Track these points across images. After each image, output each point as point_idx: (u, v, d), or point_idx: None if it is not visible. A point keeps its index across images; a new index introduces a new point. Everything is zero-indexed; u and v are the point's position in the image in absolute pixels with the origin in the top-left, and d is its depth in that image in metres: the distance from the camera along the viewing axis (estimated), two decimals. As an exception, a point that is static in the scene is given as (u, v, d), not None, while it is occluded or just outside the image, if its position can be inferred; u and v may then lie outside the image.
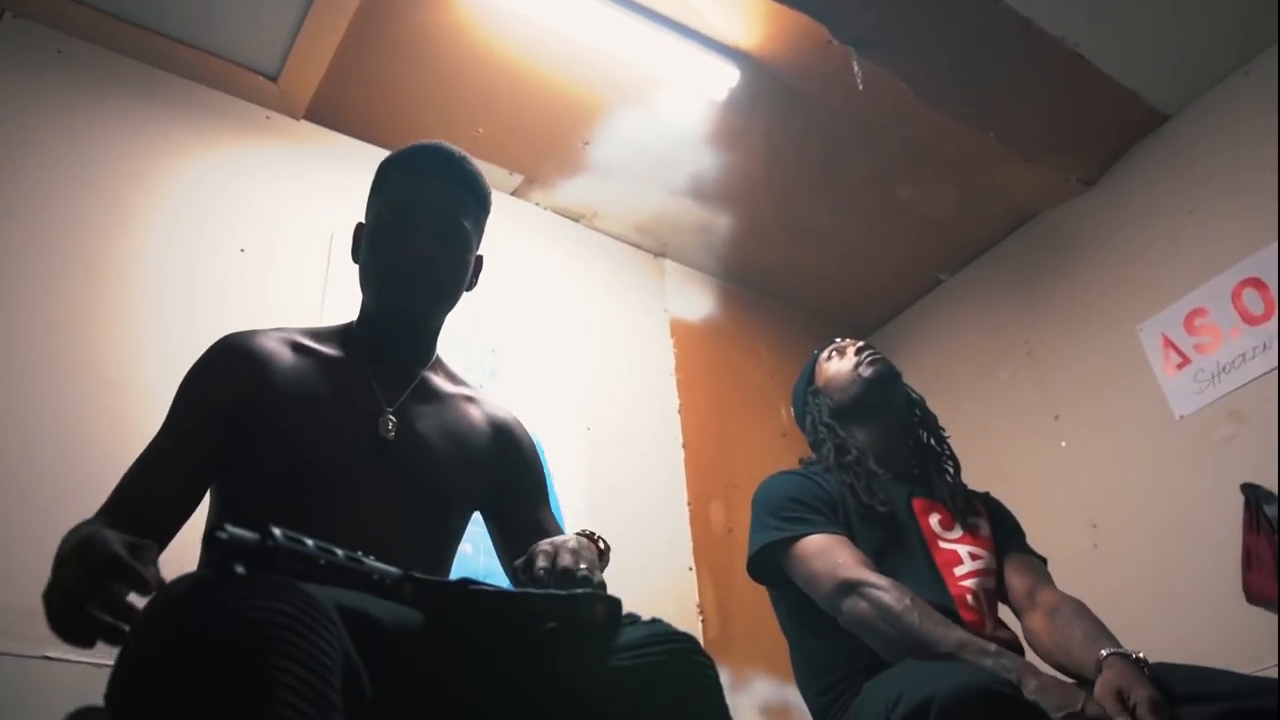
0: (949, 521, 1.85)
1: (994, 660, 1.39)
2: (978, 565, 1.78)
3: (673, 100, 2.97)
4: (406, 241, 1.40)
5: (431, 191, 1.45)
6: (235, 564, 0.85)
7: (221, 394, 1.34)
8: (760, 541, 1.77)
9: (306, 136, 2.93)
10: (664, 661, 1.02)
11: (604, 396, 3.07)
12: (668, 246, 3.57)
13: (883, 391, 1.97)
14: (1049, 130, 3.23)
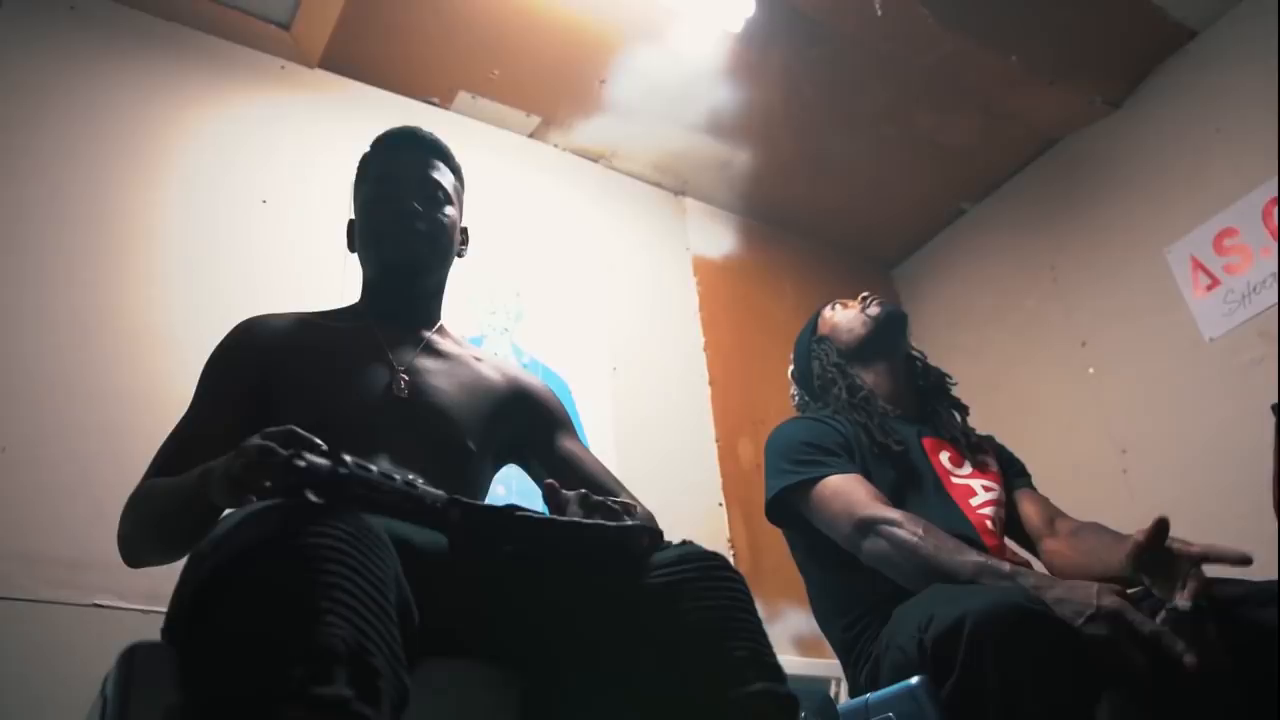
0: (958, 459, 1.88)
1: (1012, 579, 1.41)
2: (990, 495, 1.82)
3: (688, 33, 2.93)
4: (393, 204, 1.51)
5: (408, 162, 1.57)
6: (310, 492, 0.88)
7: (252, 368, 1.41)
8: (777, 486, 1.78)
9: (322, 85, 2.92)
10: (696, 578, 1.03)
11: (629, 337, 3.07)
12: (687, 184, 3.54)
13: (890, 331, 2.00)
14: (1072, 52, 3.16)
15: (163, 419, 2.18)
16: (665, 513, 2.78)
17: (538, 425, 1.57)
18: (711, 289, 3.42)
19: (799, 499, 1.75)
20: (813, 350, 2.07)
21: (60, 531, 1.99)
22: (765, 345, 3.45)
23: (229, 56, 2.80)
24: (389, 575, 0.87)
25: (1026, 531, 1.87)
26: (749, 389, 3.28)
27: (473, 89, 3.06)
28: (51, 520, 2.00)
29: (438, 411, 1.42)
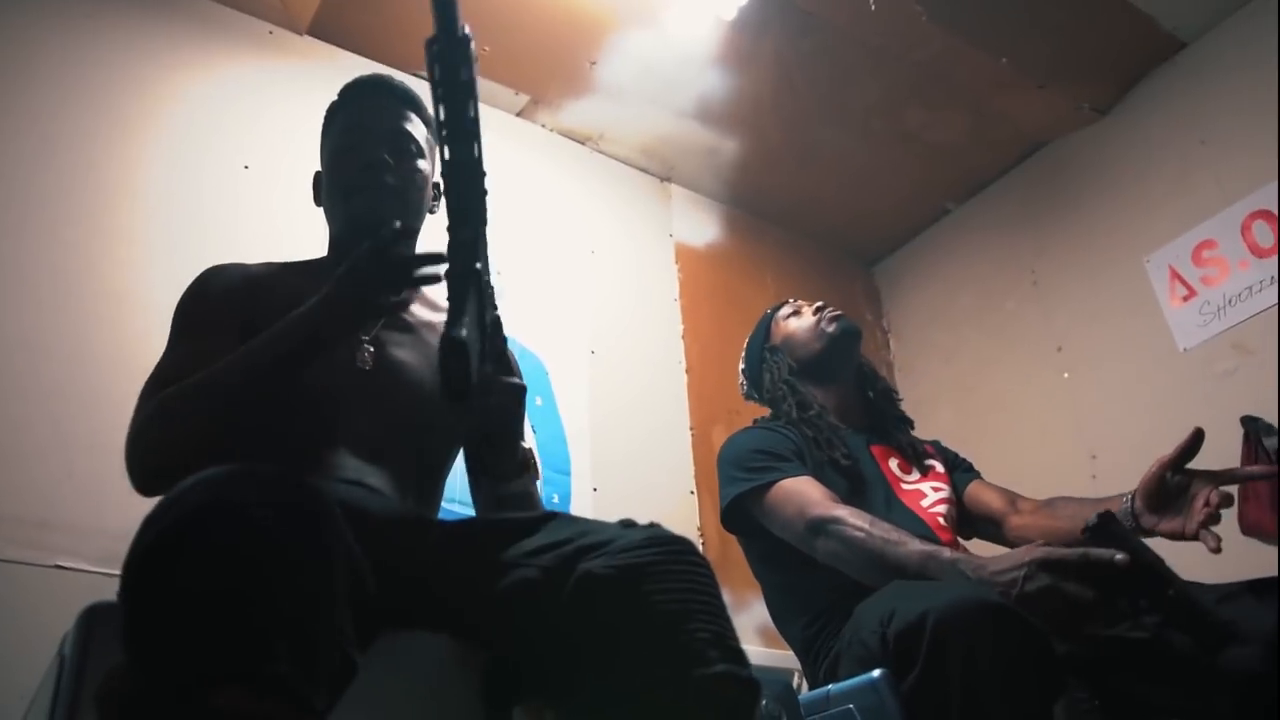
0: (907, 466, 1.91)
1: (953, 563, 1.43)
2: (940, 495, 1.86)
3: (681, 18, 2.92)
4: (361, 155, 1.44)
5: (377, 111, 1.49)
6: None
7: (229, 314, 1.35)
8: (731, 494, 1.79)
9: (310, 52, 2.89)
10: (660, 560, 1.03)
11: (608, 320, 3.07)
12: (674, 170, 3.54)
13: (846, 350, 2.00)
14: (1062, 56, 3.18)
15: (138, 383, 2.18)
16: (637, 497, 2.81)
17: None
18: (693, 276, 3.41)
19: (753, 505, 1.75)
20: (764, 360, 2.07)
21: (29, 492, 1.98)
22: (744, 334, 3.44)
23: (219, 19, 2.76)
24: (336, 549, 0.86)
25: (989, 515, 1.90)
26: (725, 378, 3.27)
27: (462, 64, 3.03)
28: (21, 480, 1.98)
29: (400, 386, 1.37)
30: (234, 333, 1.30)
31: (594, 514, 2.64)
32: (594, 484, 2.73)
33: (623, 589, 1.00)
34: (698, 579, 1.04)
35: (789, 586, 1.82)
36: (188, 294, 1.41)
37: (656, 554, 1.04)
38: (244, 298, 1.37)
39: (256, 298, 1.36)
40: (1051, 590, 1.29)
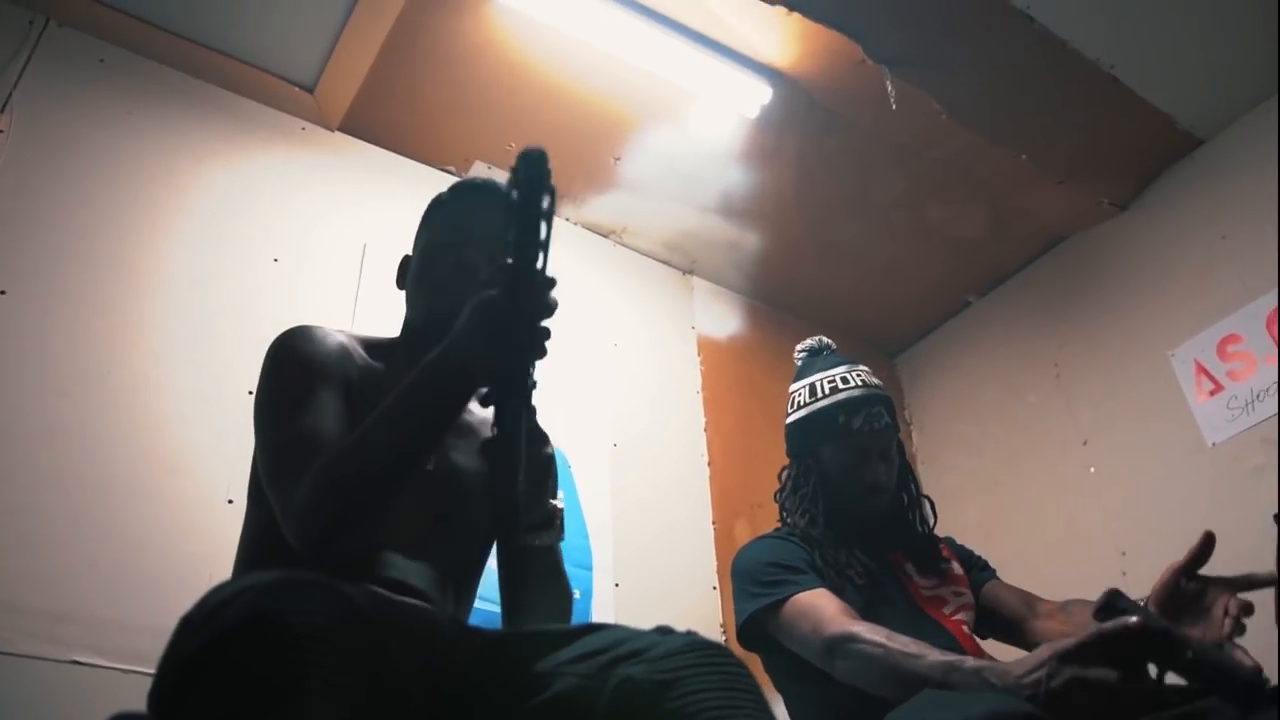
0: (926, 572, 1.88)
1: (978, 673, 1.37)
2: (962, 600, 1.84)
3: (705, 116, 2.98)
4: (459, 255, 1.43)
5: (484, 216, 1.47)
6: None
7: (338, 372, 1.33)
8: (747, 611, 1.75)
9: (341, 147, 2.95)
10: (700, 665, 1.01)
11: (631, 413, 3.06)
12: (696, 263, 3.57)
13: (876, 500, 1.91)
14: (1081, 153, 3.21)
15: (158, 472, 2.19)
16: (659, 592, 2.78)
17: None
18: (715, 369, 3.42)
19: (769, 620, 1.71)
20: (798, 456, 2.03)
21: (46, 584, 1.97)
22: (766, 428, 3.43)
23: (252, 115, 2.84)
24: (365, 663, 0.85)
25: (1007, 618, 1.86)
26: (748, 471, 3.26)
27: (488, 159, 3.09)
28: (39, 572, 1.97)
29: (459, 493, 1.37)
30: (344, 393, 1.30)
31: (616, 610, 2.61)
32: (616, 579, 2.69)
33: (664, 693, 0.99)
34: (740, 682, 1.02)
35: (810, 697, 1.77)
36: (289, 351, 1.37)
37: (696, 659, 1.03)
38: (338, 364, 1.35)
39: (346, 370, 1.35)
40: (1077, 681, 1.25)
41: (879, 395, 1.97)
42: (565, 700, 1.03)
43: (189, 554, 2.11)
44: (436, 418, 1.17)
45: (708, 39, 2.77)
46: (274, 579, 0.87)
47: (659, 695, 0.97)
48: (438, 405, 1.15)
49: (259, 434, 1.31)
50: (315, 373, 1.32)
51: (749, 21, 2.71)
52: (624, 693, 0.99)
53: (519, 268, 1.04)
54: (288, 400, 1.30)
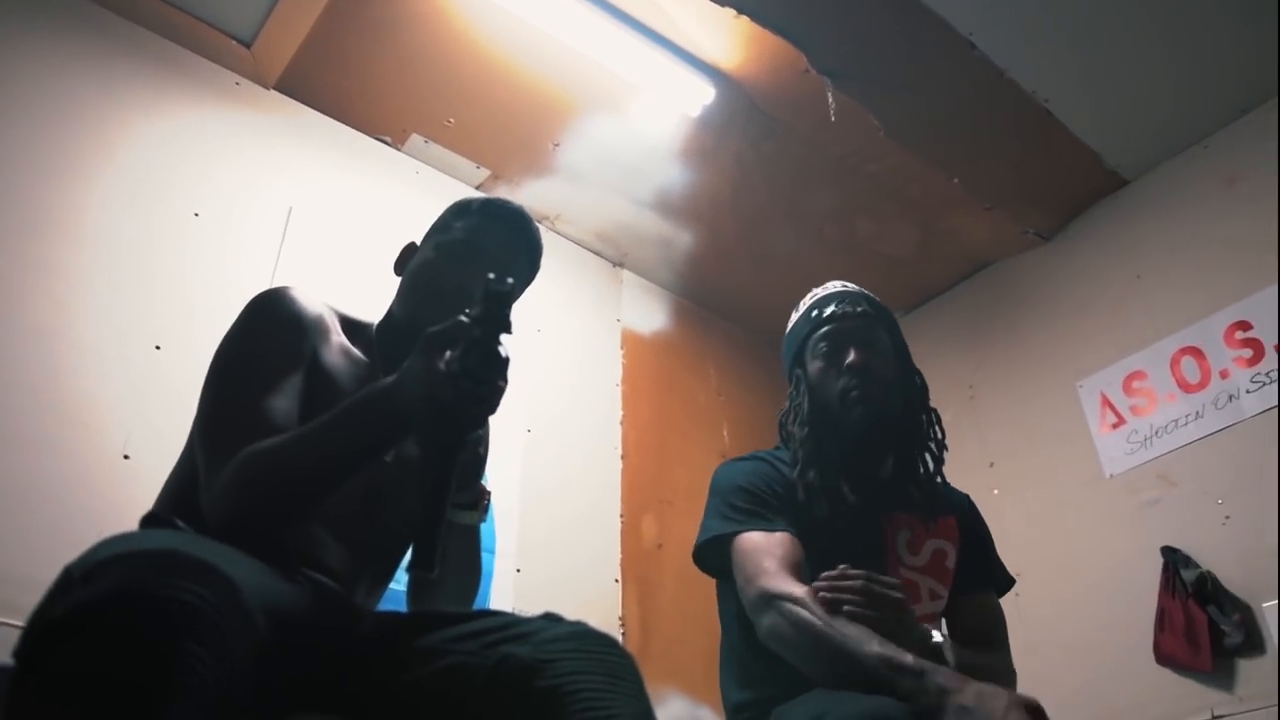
0: (917, 544, 1.70)
1: (918, 675, 1.29)
2: (933, 607, 1.67)
3: (646, 111, 2.98)
4: (465, 275, 1.42)
5: (500, 241, 1.49)
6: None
7: (300, 352, 1.32)
8: (710, 530, 1.65)
9: (274, 106, 2.89)
10: (585, 650, 1.02)
11: (548, 400, 3.05)
12: (627, 257, 3.57)
13: (866, 431, 1.69)
14: (1011, 181, 3.29)
15: (66, 424, 2.12)
16: (560, 581, 2.77)
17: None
18: (637, 363, 3.42)
19: (725, 547, 1.61)
20: (794, 378, 1.80)
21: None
22: (683, 425, 3.46)
23: (185, 65, 2.76)
24: (243, 652, 0.84)
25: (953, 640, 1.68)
26: (661, 467, 3.28)
27: (426, 133, 3.05)
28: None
29: (402, 484, 1.38)
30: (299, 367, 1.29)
31: (515, 596, 2.60)
32: (518, 565, 2.68)
33: (542, 671, 1.00)
34: (620, 670, 1.04)
35: (740, 656, 1.67)
36: (262, 312, 1.35)
37: (580, 644, 1.05)
38: (311, 334, 1.34)
39: (317, 346, 1.34)
40: None
41: (859, 292, 1.85)
42: (449, 674, 1.05)
43: (80, 508, 2.05)
44: (365, 451, 1.15)
45: (655, 33, 2.77)
46: (157, 551, 0.85)
47: (538, 673, 0.99)
48: (368, 440, 1.14)
49: (208, 387, 1.29)
50: (282, 344, 1.31)
51: (697, 20, 2.72)
52: (505, 668, 1.01)
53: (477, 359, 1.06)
54: (246, 367, 1.29)
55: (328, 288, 2.65)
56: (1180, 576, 2.67)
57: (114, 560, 0.85)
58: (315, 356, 1.32)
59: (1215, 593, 2.61)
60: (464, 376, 1.04)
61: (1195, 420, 2.85)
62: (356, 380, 1.36)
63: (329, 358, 1.35)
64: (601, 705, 0.95)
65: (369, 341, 1.46)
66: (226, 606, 0.84)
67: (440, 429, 1.07)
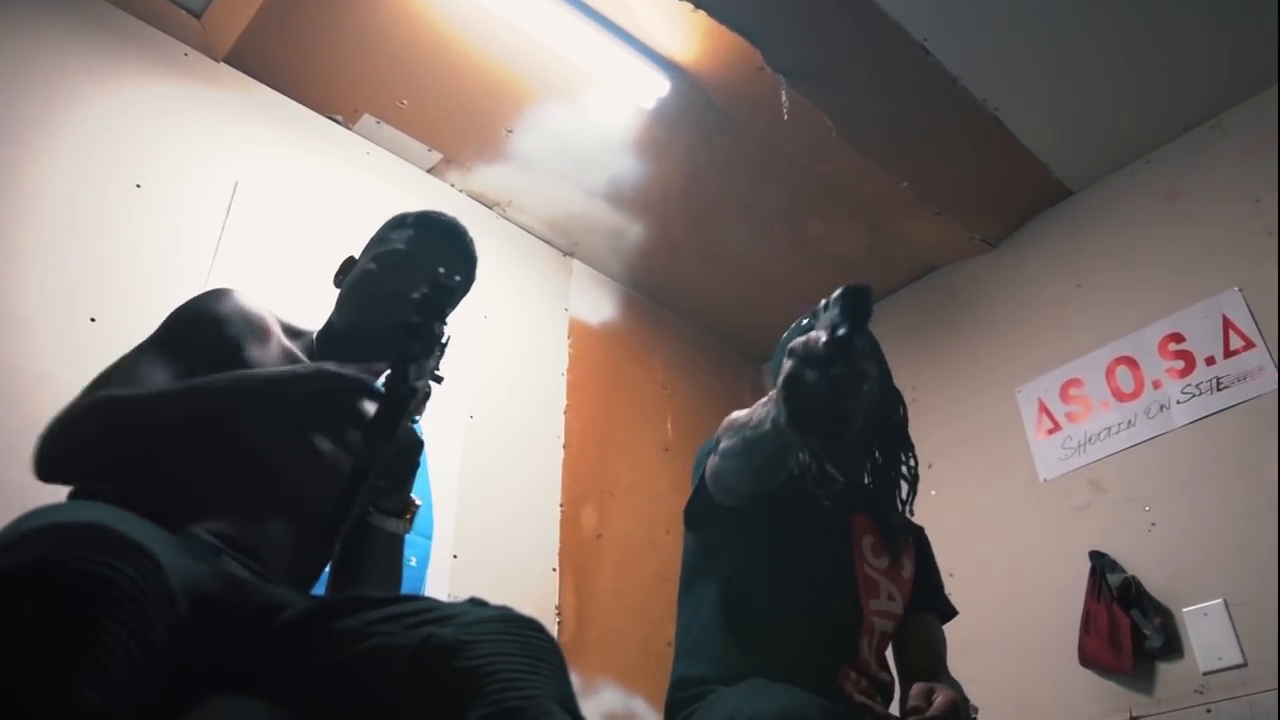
0: (880, 549, 1.77)
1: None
2: (891, 607, 1.74)
3: (601, 101, 2.97)
4: (403, 284, 1.50)
5: (434, 252, 1.58)
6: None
7: (216, 344, 1.40)
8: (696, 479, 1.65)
9: (223, 80, 2.84)
10: (508, 633, 1.04)
11: (491, 386, 3.03)
12: (577, 247, 3.56)
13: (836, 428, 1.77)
14: (960, 187, 3.33)
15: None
16: (497, 568, 2.77)
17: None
18: (583, 353, 3.42)
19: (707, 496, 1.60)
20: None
21: None
22: (627, 416, 3.47)
23: (132, 32, 2.70)
24: (161, 630, 0.84)
25: (899, 666, 1.79)
26: (603, 458, 3.28)
27: (378, 114, 3.02)
28: None
29: (340, 473, 1.39)
30: (211, 363, 1.36)
31: (451, 582, 2.59)
32: (455, 551, 2.67)
33: (464, 652, 1.00)
34: (542, 653, 1.05)
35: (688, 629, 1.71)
36: (189, 306, 1.46)
37: (503, 627, 1.06)
38: (238, 332, 1.42)
39: (253, 342, 1.42)
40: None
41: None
42: (370, 655, 1.05)
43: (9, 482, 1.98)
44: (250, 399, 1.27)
45: (612, 23, 2.76)
46: (83, 524, 0.86)
47: (459, 654, 1.00)
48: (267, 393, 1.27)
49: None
50: (198, 340, 1.40)
51: (654, 12, 2.72)
52: (427, 648, 1.01)
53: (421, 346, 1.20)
54: (151, 346, 1.39)
55: (272, 266, 2.62)
56: (1106, 580, 2.73)
57: (37, 532, 0.85)
58: (243, 352, 1.40)
59: (1139, 597, 2.67)
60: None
61: (1127, 428, 2.92)
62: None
63: (265, 354, 1.42)
64: (521, 686, 0.96)
65: (310, 347, 1.54)
66: (148, 584, 0.84)
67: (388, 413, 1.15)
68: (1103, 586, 2.73)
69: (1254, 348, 2.73)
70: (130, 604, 0.81)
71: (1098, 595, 2.73)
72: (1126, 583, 2.70)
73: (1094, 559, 2.80)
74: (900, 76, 2.92)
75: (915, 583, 1.82)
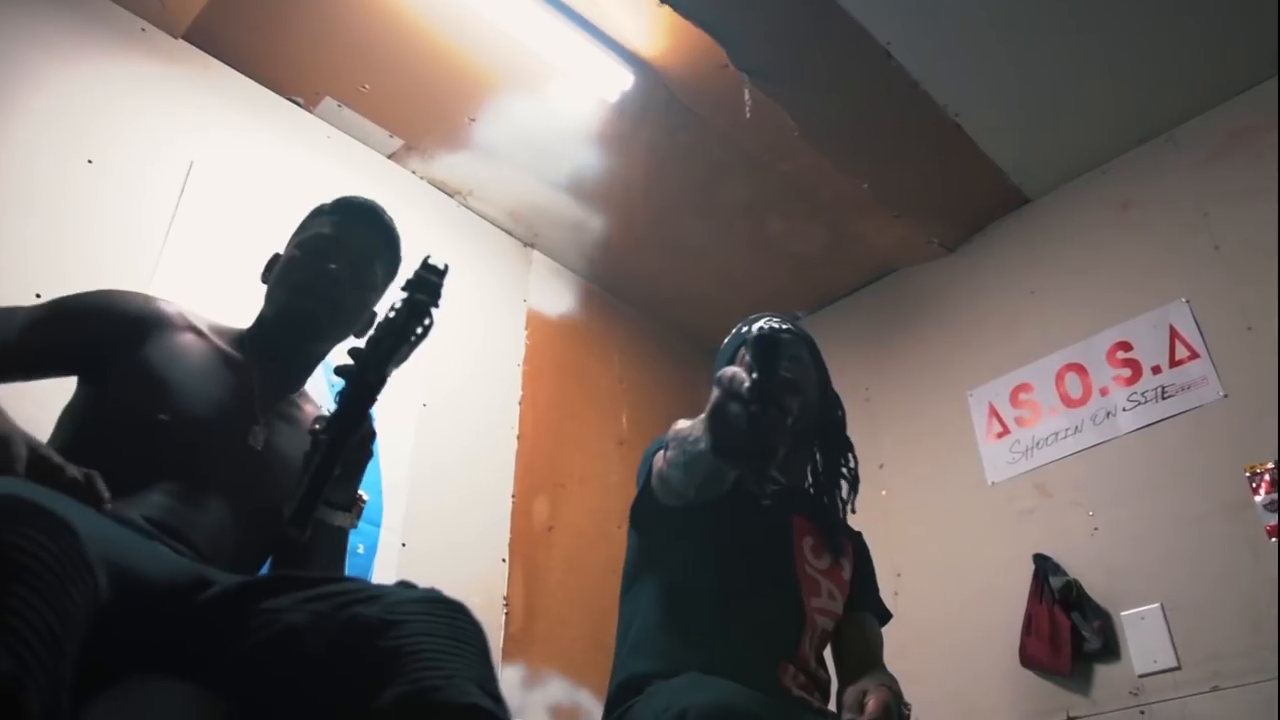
0: (820, 549, 1.82)
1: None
2: (831, 605, 1.78)
3: (565, 93, 2.97)
4: (325, 262, 1.55)
5: (358, 233, 1.61)
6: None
7: (105, 337, 1.42)
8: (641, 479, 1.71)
9: (182, 56, 2.80)
10: (432, 613, 1.05)
11: (446, 375, 3.02)
12: (538, 238, 3.56)
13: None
14: (919, 191, 3.36)
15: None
16: (446, 557, 2.76)
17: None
18: (540, 345, 3.41)
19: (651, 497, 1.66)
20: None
21: None
22: (582, 409, 3.47)
23: (88, 5, 2.64)
24: (78, 601, 0.84)
25: (836, 660, 1.84)
26: (557, 450, 3.28)
27: (340, 98, 3.00)
28: None
29: (275, 476, 1.44)
30: (74, 352, 1.42)
31: (398, 569, 2.58)
32: (404, 539, 2.66)
33: (387, 631, 1.01)
34: (466, 635, 1.05)
35: (628, 625, 1.73)
36: (88, 294, 1.49)
37: (428, 608, 1.07)
38: (124, 329, 1.43)
39: (154, 341, 1.42)
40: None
41: (792, 316, 2.08)
42: (295, 633, 1.04)
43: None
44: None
45: (577, 14, 2.76)
46: (4, 496, 0.85)
47: (382, 633, 1.00)
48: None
49: None
50: (58, 312, 1.44)
51: (620, 6, 2.72)
52: (352, 627, 1.02)
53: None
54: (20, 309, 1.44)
55: (225, 247, 2.59)
56: (1049, 583, 2.77)
57: None
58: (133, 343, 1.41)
59: (1079, 600, 2.72)
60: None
61: (1074, 434, 2.96)
62: (219, 369, 1.48)
63: (170, 343, 1.44)
64: (442, 666, 0.96)
65: (240, 340, 1.56)
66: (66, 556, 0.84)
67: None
68: (1045, 589, 2.77)
69: (1198, 358, 2.78)
70: (45, 573, 0.81)
71: (1040, 597, 2.77)
72: (1068, 585, 2.74)
73: (1038, 562, 2.84)
74: (863, 79, 2.94)
75: (853, 584, 1.88)
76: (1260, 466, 2.55)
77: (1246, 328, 2.72)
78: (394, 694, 0.94)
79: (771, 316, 2.04)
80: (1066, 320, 3.13)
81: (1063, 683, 2.70)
